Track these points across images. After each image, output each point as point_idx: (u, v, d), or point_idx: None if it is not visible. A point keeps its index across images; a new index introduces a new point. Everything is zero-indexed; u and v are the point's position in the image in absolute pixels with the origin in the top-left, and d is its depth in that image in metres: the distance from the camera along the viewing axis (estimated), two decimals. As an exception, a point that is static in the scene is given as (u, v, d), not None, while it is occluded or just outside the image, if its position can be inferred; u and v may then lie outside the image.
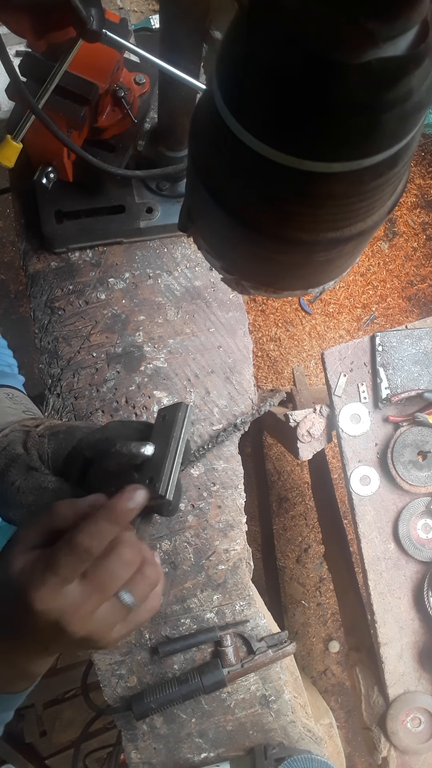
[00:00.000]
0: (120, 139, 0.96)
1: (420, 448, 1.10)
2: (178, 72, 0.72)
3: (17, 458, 0.54)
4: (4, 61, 0.67)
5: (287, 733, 1.04)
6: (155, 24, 1.14)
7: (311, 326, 2.43)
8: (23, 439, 0.55)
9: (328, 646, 2.33)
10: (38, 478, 0.53)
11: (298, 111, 0.30)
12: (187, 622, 1.03)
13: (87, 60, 0.80)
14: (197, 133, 0.41)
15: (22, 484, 0.53)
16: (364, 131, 0.31)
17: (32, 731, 1.93)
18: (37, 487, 0.53)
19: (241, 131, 0.34)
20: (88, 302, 1.07)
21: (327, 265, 0.44)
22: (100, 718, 1.26)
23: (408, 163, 0.37)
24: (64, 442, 0.55)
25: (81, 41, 0.70)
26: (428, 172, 2.49)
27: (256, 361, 2.40)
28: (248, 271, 0.48)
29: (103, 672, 1.02)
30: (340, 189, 0.34)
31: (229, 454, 1.05)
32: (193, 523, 1.04)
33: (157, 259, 1.09)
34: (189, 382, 1.07)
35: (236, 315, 1.09)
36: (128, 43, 0.74)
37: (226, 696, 1.03)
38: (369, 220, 0.39)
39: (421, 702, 1.11)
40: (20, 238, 1.08)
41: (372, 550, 1.12)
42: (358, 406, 1.12)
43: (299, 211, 0.36)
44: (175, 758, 1.03)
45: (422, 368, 1.11)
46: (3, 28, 1.04)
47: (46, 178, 0.90)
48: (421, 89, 0.30)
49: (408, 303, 2.46)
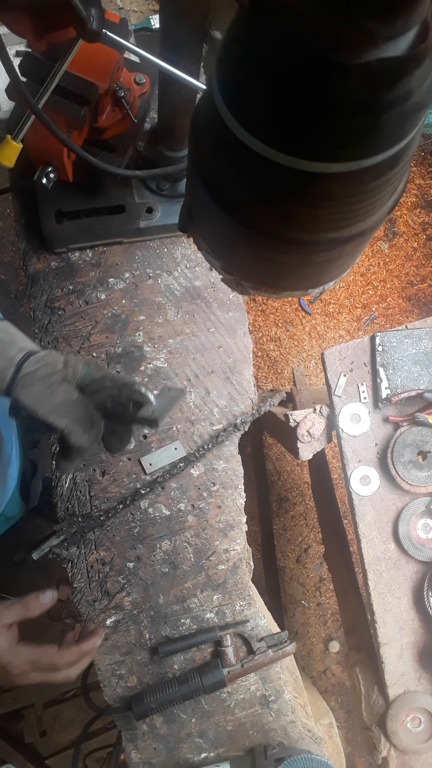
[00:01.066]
0: (120, 139, 0.96)
1: (420, 448, 1.10)
2: (178, 72, 0.72)
3: (57, 370, 0.70)
4: (4, 61, 0.67)
5: (287, 733, 1.04)
6: (155, 24, 1.14)
7: (311, 326, 2.43)
8: (65, 358, 0.73)
9: (328, 646, 2.33)
10: (68, 389, 0.70)
11: (297, 111, 0.30)
12: (187, 622, 1.03)
13: (87, 60, 0.80)
14: (197, 133, 0.41)
15: (56, 388, 0.69)
16: (364, 131, 0.30)
17: (32, 731, 1.93)
18: (65, 394, 0.69)
19: (241, 131, 0.34)
20: (88, 302, 1.07)
21: (327, 265, 0.44)
22: (100, 718, 1.26)
23: (408, 163, 0.37)
24: (94, 370, 0.73)
25: (81, 41, 0.70)
26: (428, 172, 2.49)
27: (256, 361, 2.40)
28: (248, 272, 0.48)
29: (103, 672, 1.02)
30: (340, 189, 0.34)
31: (229, 454, 1.05)
32: (193, 523, 1.04)
33: (157, 259, 1.09)
34: (189, 382, 1.07)
35: (236, 315, 1.09)
36: (128, 43, 0.74)
37: (226, 696, 1.03)
38: (369, 221, 0.39)
39: (421, 702, 1.11)
40: (20, 238, 1.08)
41: (372, 550, 1.12)
42: (358, 406, 1.12)
43: (299, 211, 0.36)
44: (175, 758, 1.03)
45: (422, 368, 1.11)
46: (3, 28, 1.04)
47: (46, 178, 0.90)
48: (421, 89, 0.30)
49: (408, 303, 2.47)
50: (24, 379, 0.69)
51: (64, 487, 1.03)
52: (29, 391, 0.69)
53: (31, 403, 0.69)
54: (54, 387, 0.70)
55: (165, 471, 1.03)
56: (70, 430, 0.70)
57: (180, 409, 1.06)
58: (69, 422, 0.69)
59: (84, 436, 0.70)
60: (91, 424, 0.71)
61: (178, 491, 1.04)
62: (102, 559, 1.03)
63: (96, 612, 1.02)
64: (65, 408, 0.69)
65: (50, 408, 0.69)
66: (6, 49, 0.66)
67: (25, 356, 0.71)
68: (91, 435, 0.71)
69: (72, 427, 0.70)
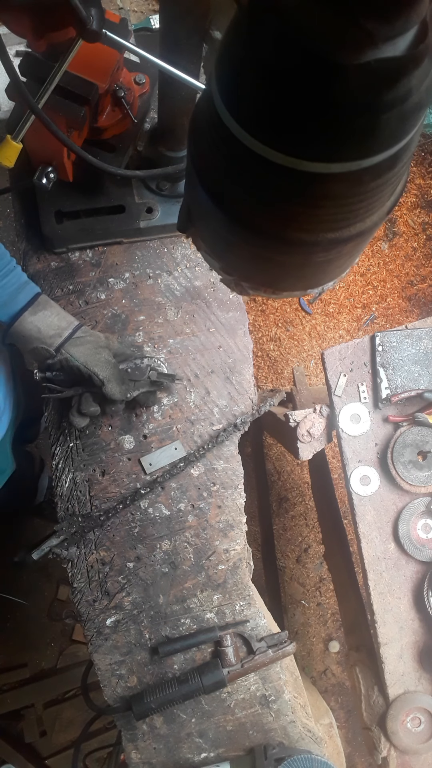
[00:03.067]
0: (120, 139, 0.96)
1: (420, 448, 1.09)
2: (178, 72, 0.72)
3: (102, 340, 0.96)
4: (4, 61, 0.67)
5: (287, 733, 1.04)
6: (155, 24, 1.14)
7: (311, 326, 2.43)
8: (104, 335, 0.98)
9: (328, 646, 2.33)
10: (108, 354, 0.94)
11: (296, 111, 0.30)
12: (187, 622, 1.03)
13: (87, 60, 0.80)
14: (196, 133, 0.41)
15: (100, 351, 0.94)
16: (363, 132, 0.30)
17: (32, 731, 1.94)
18: (106, 356, 0.94)
19: (240, 132, 0.34)
20: (88, 302, 1.07)
21: (326, 265, 0.44)
22: (100, 718, 1.26)
23: (407, 163, 0.37)
24: (124, 345, 1.00)
25: (81, 41, 0.70)
26: (428, 172, 2.49)
27: (256, 361, 2.40)
28: (247, 272, 0.48)
29: (103, 672, 1.02)
30: (339, 189, 0.34)
31: (229, 454, 1.05)
32: (193, 523, 1.04)
33: (157, 259, 1.09)
34: (189, 382, 1.07)
35: (236, 315, 1.09)
36: (128, 43, 0.74)
37: (226, 696, 1.03)
38: (368, 221, 0.39)
39: (421, 702, 1.11)
40: (20, 238, 1.08)
41: (372, 550, 1.12)
42: (358, 406, 1.12)
43: (298, 211, 0.36)
44: (175, 758, 1.03)
45: (422, 368, 1.10)
46: (3, 28, 1.04)
47: (46, 178, 0.90)
48: (421, 89, 0.30)
49: (408, 303, 2.46)
50: (76, 341, 0.92)
51: (64, 487, 1.03)
52: (80, 348, 0.92)
53: (81, 357, 0.91)
54: (99, 350, 0.93)
55: (165, 471, 1.03)
56: (108, 380, 0.91)
57: (180, 409, 1.06)
58: (108, 374, 0.92)
59: (117, 388, 0.93)
60: (122, 382, 0.94)
61: (178, 491, 1.04)
62: (102, 559, 1.03)
63: (96, 612, 1.02)
64: (106, 365, 0.92)
65: (95, 362, 0.91)
66: (6, 49, 0.66)
67: (78, 325, 0.94)
68: (121, 389, 0.94)
69: (110, 379, 0.92)
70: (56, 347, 0.91)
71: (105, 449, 1.04)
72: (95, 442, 1.04)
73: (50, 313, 0.91)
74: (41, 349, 0.91)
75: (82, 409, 0.94)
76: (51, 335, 0.90)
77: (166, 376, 0.98)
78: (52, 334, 0.90)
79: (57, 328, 0.91)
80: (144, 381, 0.96)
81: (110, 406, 0.95)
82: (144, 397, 0.99)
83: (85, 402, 0.94)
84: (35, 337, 0.90)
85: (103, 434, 1.04)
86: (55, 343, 0.91)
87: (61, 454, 1.04)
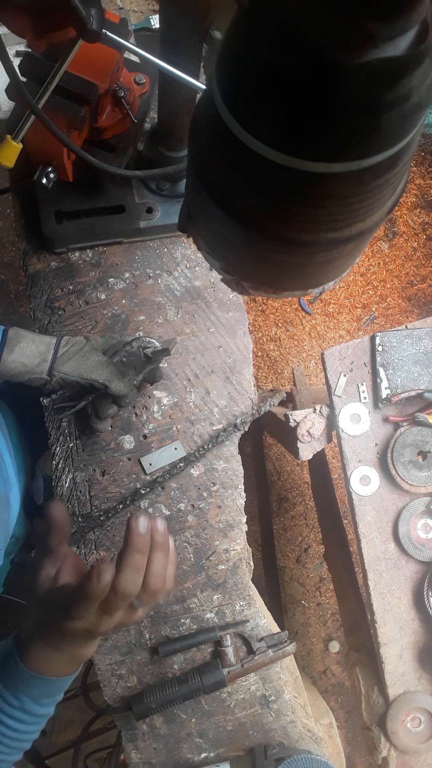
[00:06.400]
0: (120, 139, 0.96)
1: (420, 448, 1.10)
2: (178, 72, 0.72)
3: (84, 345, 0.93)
4: (4, 61, 0.67)
5: (287, 733, 1.04)
6: (155, 24, 1.14)
7: (311, 326, 2.43)
8: (83, 336, 0.95)
9: (328, 646, 2.33)
10: (97, 355, 0.92)
11: (297, 111, 0.30)
12: (187, 622, 1.03)
13: (87, 60, 0.80)
14: (197, 133, 0.41)
15: (88, 356, 0.92)
16: (364, 132, 0.30)
17: (32, 731, 1.93)
18: (96, 359, 0.91)
19: (240, 132, 0.34)
20: (88, 302, 1.07)
21: (327, 265, 0.44)
22: (100, 718, 1.26)
23: (408, 163, 0.37)
24: (109, 339, 0.97)
25: (81, 41, 0.70)
26: (428, 172, 2.49)
27: (256, 361, 2.40)
28: (248, 272, 0.48)
29: (103, 672, 1.02)
30: (339, 189, 0.34)
31: (229, 454, 1.05)
32: (193, 523, 1.04)
33: (157, 259, 1.09)
34: (189, 382, 1.07)
35: (236, 315, 1.09)
36: (128, 43, 0.74)
37: (226, 696, 1.03)
38: (369, 221, 0.39)
39: (421, 702, 1.11)
40: (20, 238, 1.08)
41: (372, 550, 1.12)
42: (358, 406, 1.12)
43: (299, 211, 0.36)
44: (175, 758, 1.03)
45: (422, 368, 1.11)
46: (3, 28, 1.04)
47: (46, 178, 0.90)
48: (421, 89, 0.30)
49: (408, 303, 2.46)
50: (62, 358, 0.91)
51: (64, 487, 1.03)
52: (69, 363, 0.90)
53: (74, 371, 0.90)
54: (87, 356, 0.92)
55: (165, 471, 1.03)
56: (109, 381, 0.90)
57: (180, 409, 1.06)
58: (106, 376, 0.91)
59: (120, 384, 0.91)
60: (122, 375, 0.92)
61: (178, 491, 1.04)
62: (102, 559, 1.03)
63: (96, 612, 1.02)
64: (100, 367, 0.91)
65: (89, 370, 0.90)
66: (6, 49, 0.66)
67: (57, 341, 0.92)
68: (125, 383, 0.92)
69: (110, 378, 0.91)
70: (47, 372, 0.90)
71: (105, 449, 1.04)
72: (95, 442, 1.04)
73: (26, 344, 0.89)
74: (34, 379, 0.90)
75: (100, 414, 0.94)
76: (36, 363, 0.89)
77: (161, 352, 0.95)
78: (37, 362, 0.89)
79: (39, 355, 0.90)
80: (142, 362, 0.95)
81: (123, 399, 0.94)
82: (150, 375, 0.98)
83: (99, 406, 0.94)
84: (23, 371, 0.89)
85: (103, 434, 1.04)
86: (45, 369, 0.90)
87: (61, 454, 1.04)
